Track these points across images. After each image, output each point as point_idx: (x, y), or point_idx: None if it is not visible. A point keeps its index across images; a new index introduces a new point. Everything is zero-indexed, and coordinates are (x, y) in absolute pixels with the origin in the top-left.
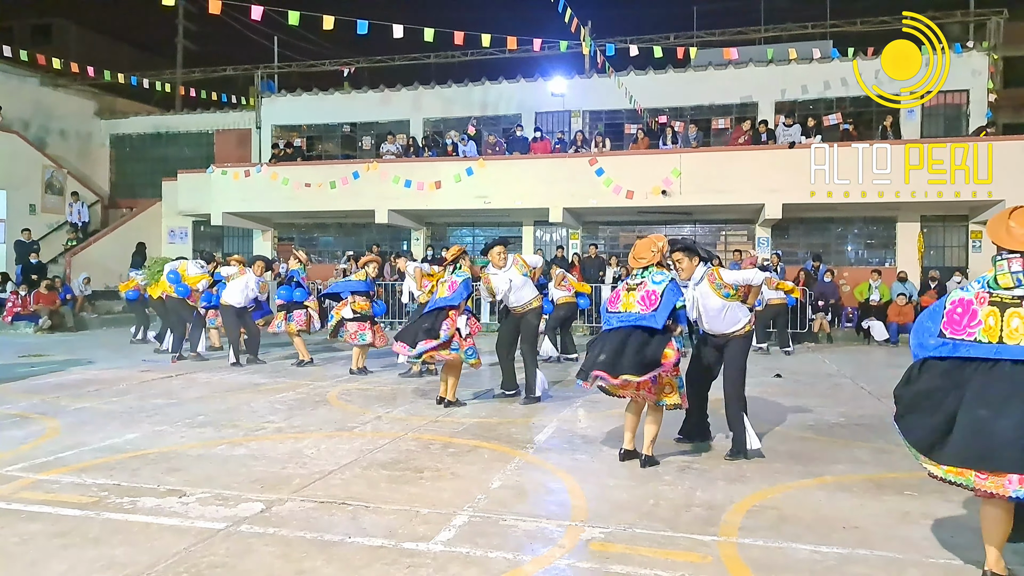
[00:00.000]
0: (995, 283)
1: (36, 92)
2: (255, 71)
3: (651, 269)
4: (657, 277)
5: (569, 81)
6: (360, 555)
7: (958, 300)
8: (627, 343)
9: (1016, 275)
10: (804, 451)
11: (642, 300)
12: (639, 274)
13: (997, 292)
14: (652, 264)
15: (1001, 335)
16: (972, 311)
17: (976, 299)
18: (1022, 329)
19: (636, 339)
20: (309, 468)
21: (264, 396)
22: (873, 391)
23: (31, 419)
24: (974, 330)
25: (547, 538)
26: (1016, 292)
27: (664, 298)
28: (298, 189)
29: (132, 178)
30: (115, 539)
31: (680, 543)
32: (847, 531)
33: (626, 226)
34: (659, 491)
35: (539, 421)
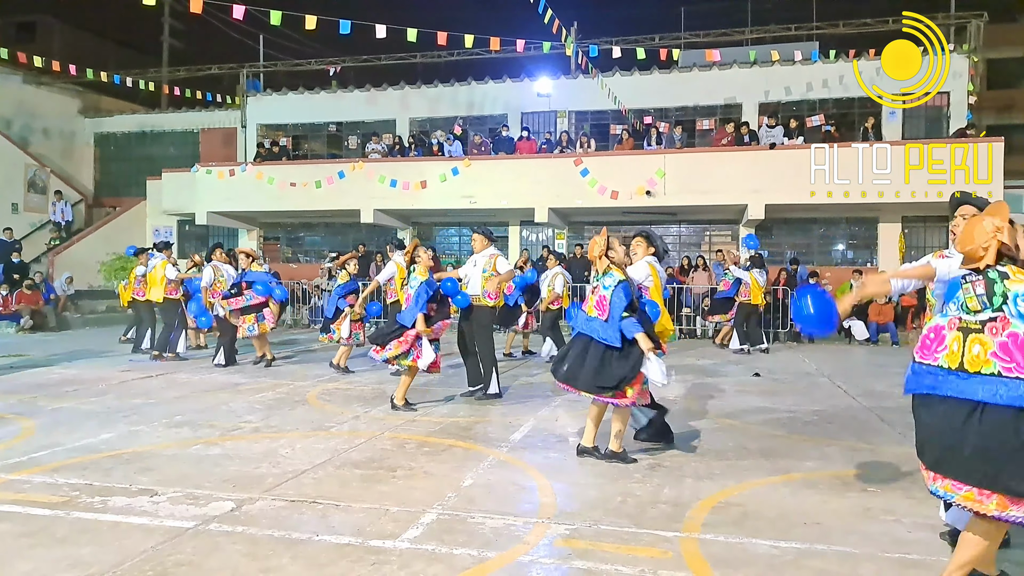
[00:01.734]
0: (966, 307)
1: (19, 90)
2: (241, 70)
3: (609, 272)
4: (607, 281)
5: (555, 81)
6: (326, 553)
7: (933, 326)
8: (587, 356)
9: (980, 297)
10: (774, 448)
11: (597, 304)
12: (597, 276)
13: (966, 317)
14: (608, 265)
15: (962, 361)
16: (941, 336)
17: (948, 324)
18: (982, 356)
19: (596, 353)
20: (283, 468)
21: (243, 396)
22: (849, 390)
23: (6, 419)
24: (939, 355)
25: (513, 535)
26: (980, 316)
27: (612, 303)
28: (283, 188)
29: (116, 177)
30: (83, 538)
31: (643, 539)
32: (808, 527)
33: (611, 226)
34: (628, 488)
35: (516, 420)
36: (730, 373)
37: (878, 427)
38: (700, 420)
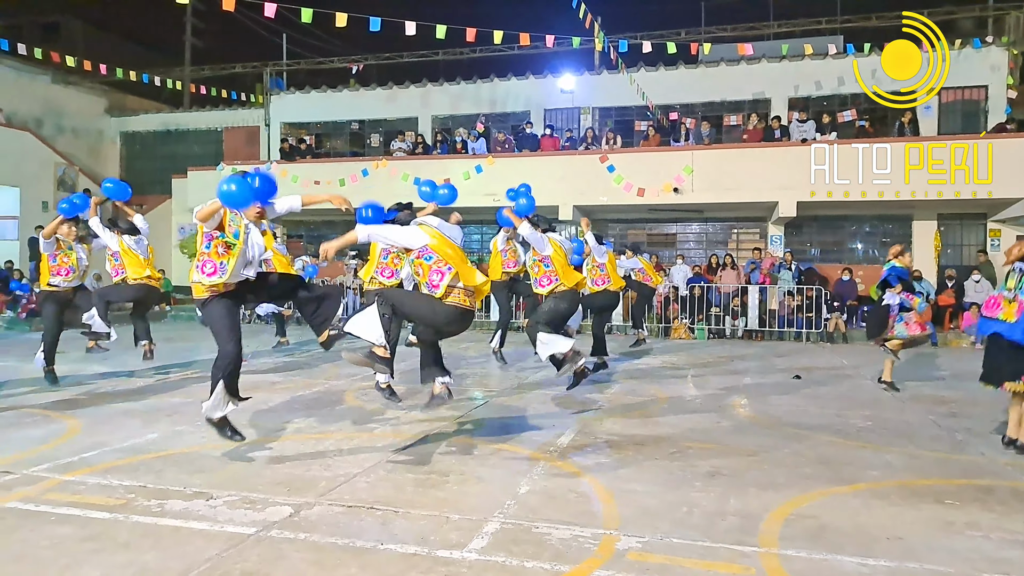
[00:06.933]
0: None
1: (47, 90)
2: (264, 68)
3: None
4: None
5: (579, 78)
6: (394, 563)
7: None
8: None
9: None
10: (832, 456)
11: None
12: None
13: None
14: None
15: None
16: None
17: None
18: None
19: None
20: (334, 471)
21: (280, 395)
22: (895, 392)
23: (49, 417)
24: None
25: (583, 547)
26: None
27: None
28: (307, 186)
29: (142, 175)
30: (145, 543)
31: (720, 554)
32: (891, 542)
33: (636, 224)
34: (690, 497)
35: (560, 422)
36: (770, 374)
37: (935, 433)
38: (749, 424)
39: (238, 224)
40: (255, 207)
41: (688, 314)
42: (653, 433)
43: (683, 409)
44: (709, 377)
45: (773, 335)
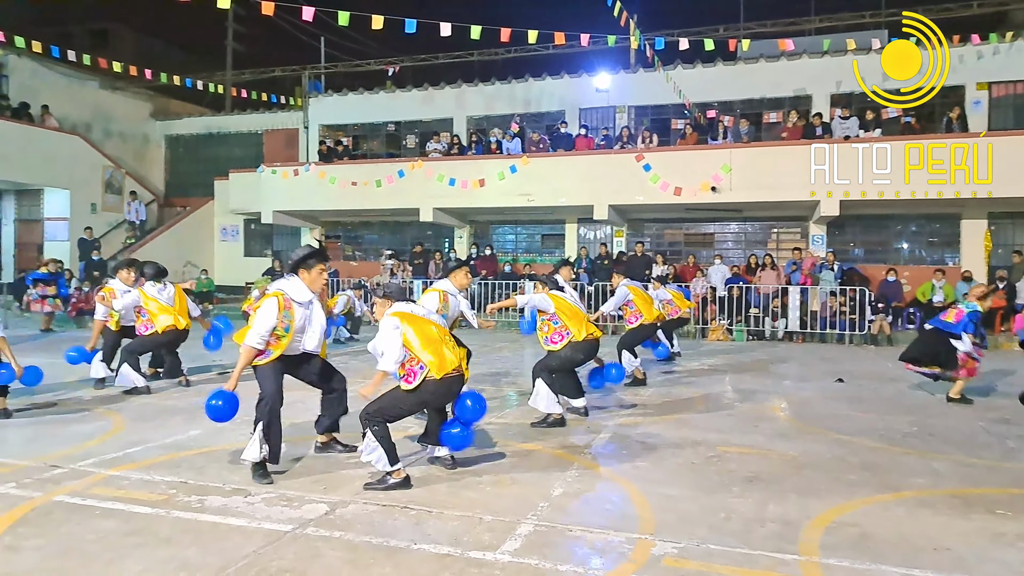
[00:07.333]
0: None
1: (95, 95)
2: (302, 72)
3: None
4: None
5: (614, 76)
6: (427, 563)
7: None
8: None
9: None
10: (877, 462)
11: None
12: None
13: None
14: None
15: None
16: None
17: None
18: None
19: None
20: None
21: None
22: (943, 398)
23: (96, 414)
24: None
25: (617, 552)
26: None
27: None
28: (344, 187)
29: (186, 177)
30: (185, 539)
31: (759, 562)
32: (938, 552)
33: (673, 223)
34: (728, 503)
35: (594, 424)
36: (809, 377)
37: (986, 440)
38: (789, 428)
39: (290, 320)
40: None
41: (726, 315)
42: (689, 436)
43: (720, 412)
44: (748, 380)
45: (814, 337)
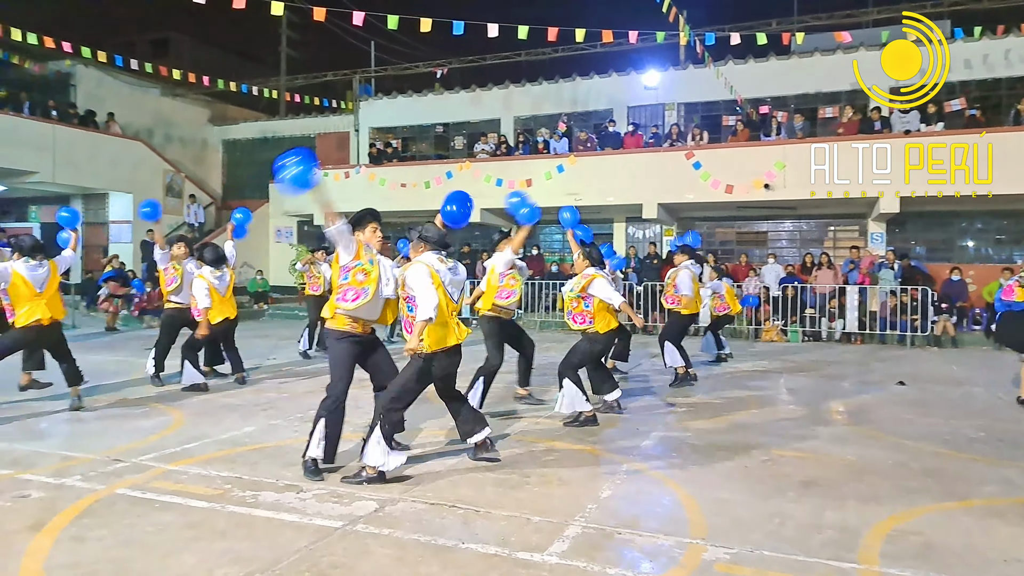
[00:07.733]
0: None
1: (156, 102)
2: (353, 76)
3: None
4: None
5: (662, 73)
6: (474, 563)
7: None
8: None
9: None
10: (942, 469)
11: None
12: None
13: None
14: None
15: None
16: None
17: None
18: None
19: None
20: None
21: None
22: (1012, 401)
23: (158, 410)
24: None
25: (667, 556)
26: None
27: None
28: (394, 189)
29: (242, 180)
30: (239, 533)
31: (816, 570)
32: (1008, 564)
33: (723, 222)
34: (783, 508)
35: (644, 425)
36: (868, 379)
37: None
38: (848, 432)
39: (371, 253)
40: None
41: (780, 315)
42: (743, 439)
43: (775, 415)
44: (803, 381)
45: (874, 338)
